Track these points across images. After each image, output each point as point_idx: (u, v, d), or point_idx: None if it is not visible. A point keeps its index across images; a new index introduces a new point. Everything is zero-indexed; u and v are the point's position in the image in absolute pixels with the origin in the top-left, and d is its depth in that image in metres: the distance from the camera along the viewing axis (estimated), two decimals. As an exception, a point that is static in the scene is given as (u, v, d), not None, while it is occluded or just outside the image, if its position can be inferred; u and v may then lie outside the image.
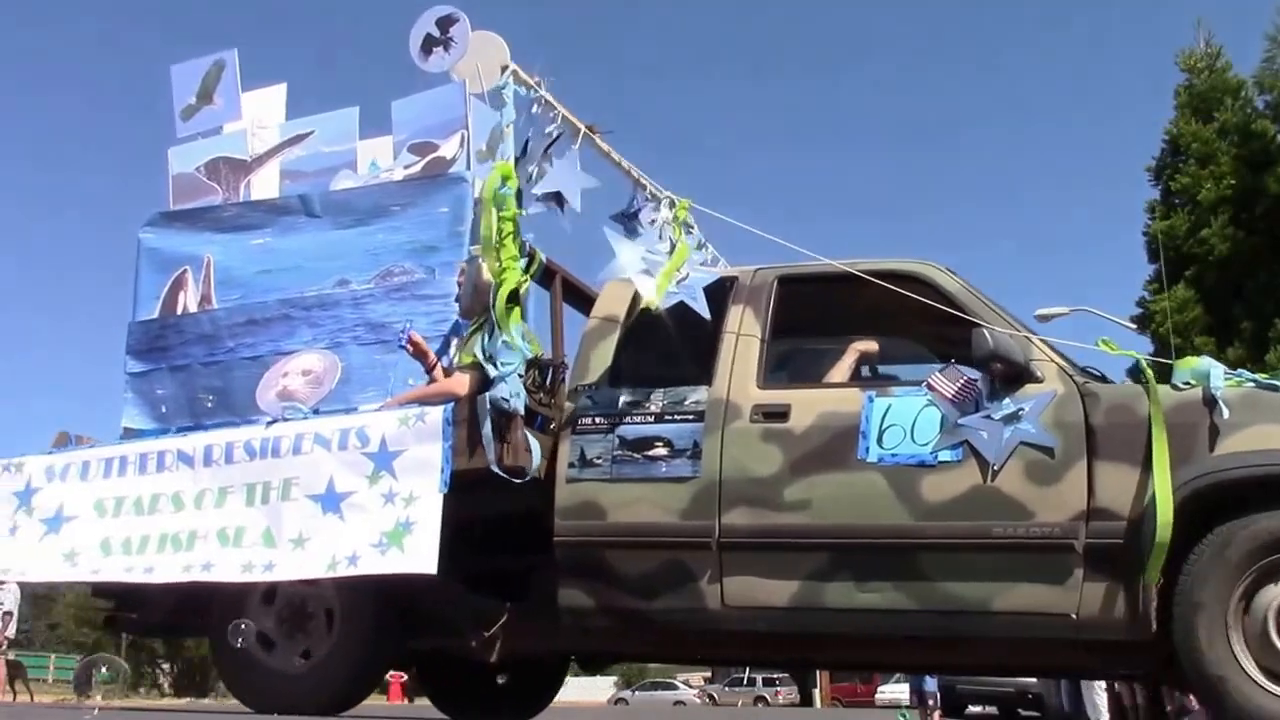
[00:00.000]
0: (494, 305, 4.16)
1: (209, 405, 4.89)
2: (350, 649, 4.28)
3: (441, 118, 4.95)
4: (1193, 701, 9.39)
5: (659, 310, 4.13)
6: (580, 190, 4.29)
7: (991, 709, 17.57)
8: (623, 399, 4.16)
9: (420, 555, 3.86)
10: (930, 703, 13.64)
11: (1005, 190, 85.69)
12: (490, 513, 4.24)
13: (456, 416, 4.05)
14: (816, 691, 38.53)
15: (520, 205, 4.25)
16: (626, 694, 45.78)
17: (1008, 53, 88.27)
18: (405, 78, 4.99)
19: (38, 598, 29.39)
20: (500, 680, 5.36)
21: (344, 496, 4.09)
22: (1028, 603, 3.64)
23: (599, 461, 4.09)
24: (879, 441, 3.83)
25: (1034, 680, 14.00)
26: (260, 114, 5.45)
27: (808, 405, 3.96)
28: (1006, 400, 3.77)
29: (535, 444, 4.08)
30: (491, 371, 4.06)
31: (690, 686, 47.07)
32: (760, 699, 41.67)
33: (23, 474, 4.65)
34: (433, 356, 4.45)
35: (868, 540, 3.79)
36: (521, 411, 4.05)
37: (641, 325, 4.29)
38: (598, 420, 4.16)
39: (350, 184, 5.07)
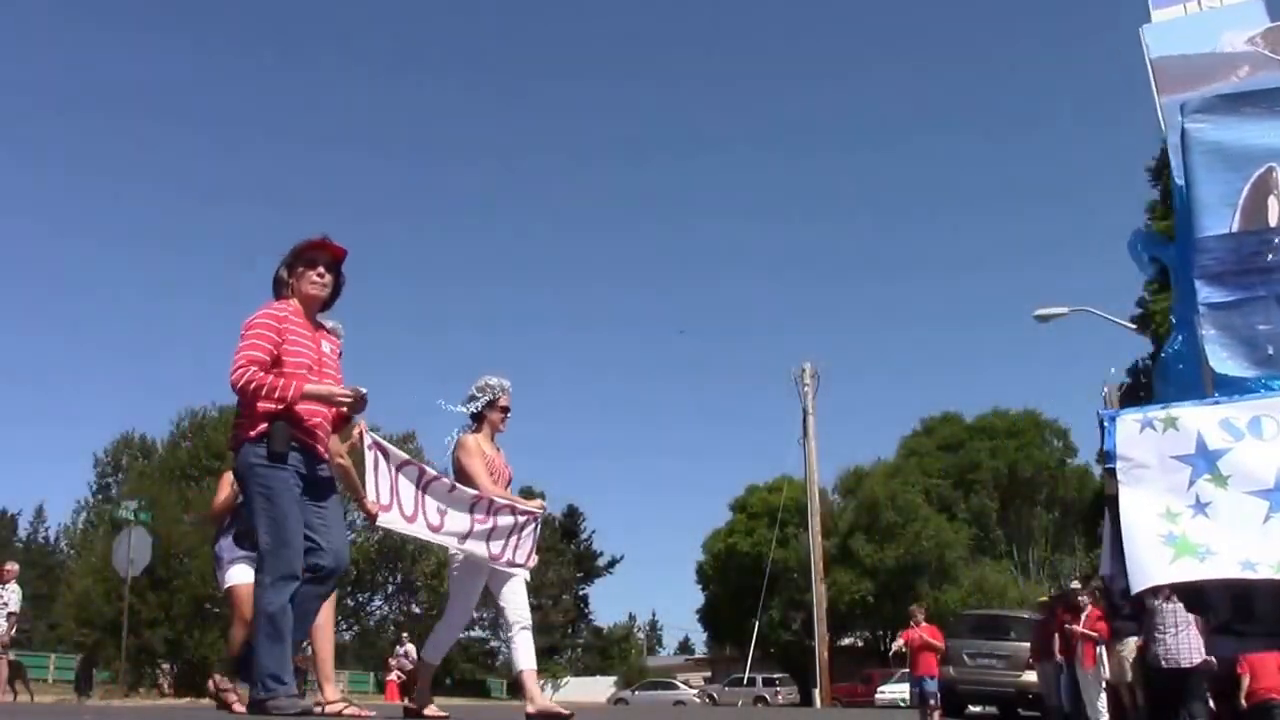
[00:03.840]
0: None
1: None
2: None
3: None
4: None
5: None
6: None
7: (991, 709, 17.55)
8: None
9: None
10: (930, 703, 13.60)
11: (1006, 190, 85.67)
12: None
13: None
14: (816, 691, 38.44)
15: None
16: (626, 694, 45.71)
17: (1006, 52, 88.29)
18: None
19: (37, 597, 29.27)
20: None
21: None
22: None
23: None
24: None
25: (1034, 680, 13.98)
26: None
27: None
28: None
29: None
30: None
31: (690, 686, 47.03)
32: (760, 699, 41.58)
33: (1183, 432, 3.55)
34: None
35: None
36: None
37: None
38: None
39: None
